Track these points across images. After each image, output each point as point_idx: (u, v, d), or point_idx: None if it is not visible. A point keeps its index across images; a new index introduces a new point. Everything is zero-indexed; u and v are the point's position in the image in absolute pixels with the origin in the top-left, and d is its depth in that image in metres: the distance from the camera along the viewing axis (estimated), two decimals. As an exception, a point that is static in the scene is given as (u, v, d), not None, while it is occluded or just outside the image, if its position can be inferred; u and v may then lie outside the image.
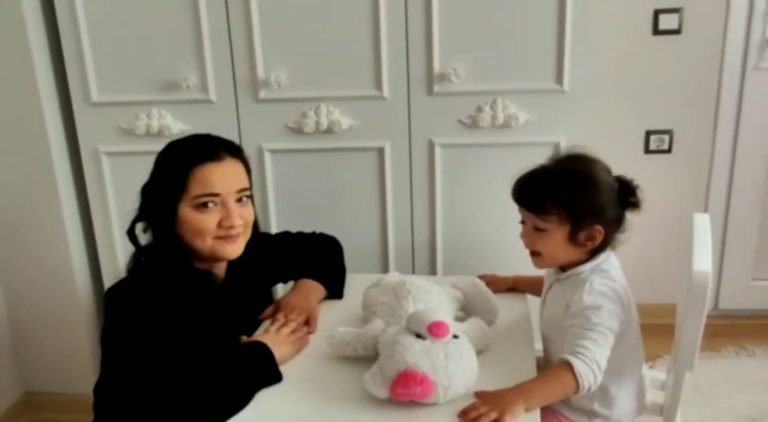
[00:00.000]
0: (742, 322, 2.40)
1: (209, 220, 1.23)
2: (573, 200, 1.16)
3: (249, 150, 1.77)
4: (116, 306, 1.19)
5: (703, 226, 1.29)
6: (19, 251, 1.93)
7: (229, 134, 1.75)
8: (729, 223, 2.40)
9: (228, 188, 1.24)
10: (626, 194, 1.20)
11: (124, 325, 1.16)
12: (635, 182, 1.21)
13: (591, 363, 1.09)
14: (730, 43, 2.18)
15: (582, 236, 1.18)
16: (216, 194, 1.23)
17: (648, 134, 2.27)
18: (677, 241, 1.95)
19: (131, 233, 1.29)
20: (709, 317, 1.17)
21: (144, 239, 1.31)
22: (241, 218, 1.26)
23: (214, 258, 1.28)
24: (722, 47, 2.18)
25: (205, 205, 1.22)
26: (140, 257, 1.28)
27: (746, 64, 2.21)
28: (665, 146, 2.28)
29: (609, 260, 1.23)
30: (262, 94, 1.74)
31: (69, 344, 1.98)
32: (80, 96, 1.79)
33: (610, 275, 1.20)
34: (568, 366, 1.08)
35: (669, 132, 2.27)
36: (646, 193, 1.21)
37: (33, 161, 1.84)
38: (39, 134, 1.81)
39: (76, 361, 1.98)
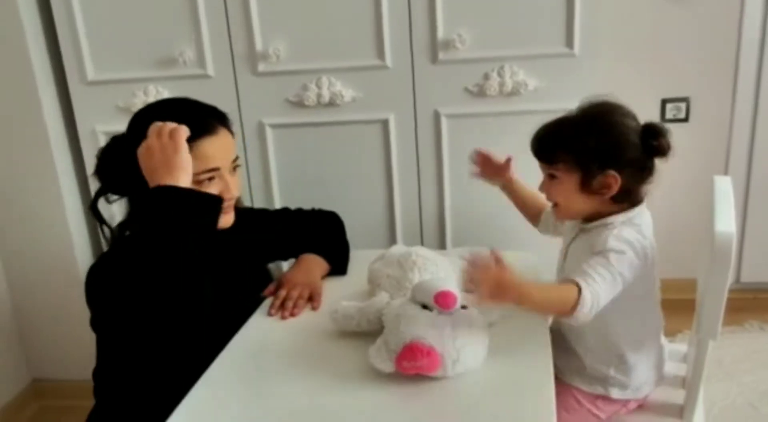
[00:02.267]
0: (765, 296, 2.33)
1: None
2: (580, 144, 1.11)
3: (249, 125, 1.75)
4: (101, 285, 1.14)
5: (724, 188, 1.23)
6: (19, 236, 1.91)
7: (229, 109, 1.68)
8: (750, 194, 2.32)
9: (225, 161, 1.20)
10: (650, 139, 1.11)
11: (112, 303, 1.12)
12: (663, 127, 1.12)
13: (594, 296, 1.03)
14: (750, 5, 2.09)
15: (595, 183, 1.12)
16: (216, 169, 1.18)
17: (664, 102, 2.19)
18: (696, 215, 1.89)
19: (94, 208, 1.22)
20: (731, 290, 1.12)
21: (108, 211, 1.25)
22: (237, 189, 1.22)
23: None
24: (741, 9, 2.10)
25: (204, 181, 1.17)
26: (123, 232, 1.23)
27: (766, 26, 2.12)
28: (682, 115, 2.20)
29: (642, 215, 1.16)
30: (261, 67, 1.68)
31: (74, 331, 1.95)
32: (76, 75, 1.75)
33: (640, 230, 1.13)
34: (577, 289, 1.02)
35: (686, 100, 2.19)
36: (661, 164, 1.14)
37: (30, 143, 1.80)
38: (35, 114, 1.77)
39: (82, 348, 1.93)
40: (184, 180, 1.08)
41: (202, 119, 1.20)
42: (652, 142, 1.11)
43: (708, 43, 2.12)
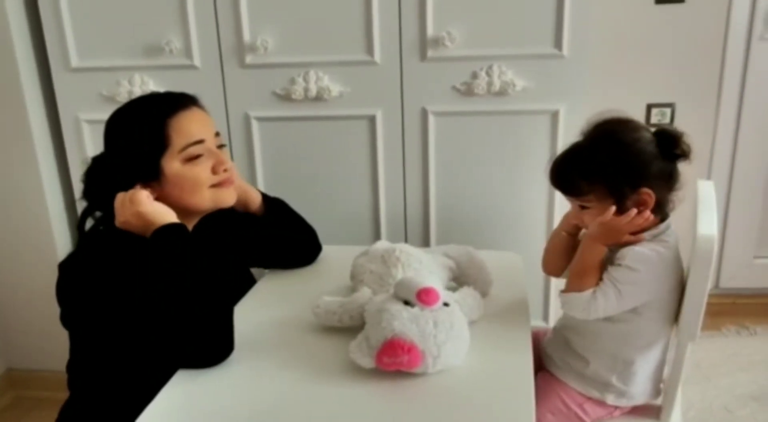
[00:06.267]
0: (743, 301, 2.36)
1: (203, 170, 1.18)
2: (605, 173, 1.10)
3: (235, 118, 1.73)
4: (75, 284, 1.11)
5: (707, 192, 1.23)
6: (-3, 223, 1.88)
7: (215, 101, 1.70)
8: (731, 201, 2.35)
9: (208, 134, 1.19)
10: (669, 146, 1.11)
11: (87, 301, 1.10)
12: (676, 131, 1.12)
13: (595, 307, 1.11)
14: (735, 13, 2.12)
15: (630, 204, 1.11)
16: (201, 141, 1.17)
17: (649, 107, 2.21)
18: (679, 218, 1.90)
19: (81, 228, 1.20)
20: (710, 295, 1.13)
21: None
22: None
23: (215, 207, 1.22)
24: (727, 17, 2.12)
25: (195, 157, 1.16)
26: (98, 227, 1.20)
27: (751, 34, 2.15)
28: (666, 120, 2.21)
29: (668, 230, 1.16)
30: (249, 59, 1.67)
31: (51, 320, 1.91)
32: (59, 61, 1.72)
33: (668, 245, 1.13)
34: (593, 290, 1.12)
35: (671, 105, 2.20)
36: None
37: (11, 130, 1.77)
38: (17, 101, 1.74)
39: (58, 338, 1.89)
40: (169, 220, 1.11)
41: (171, 98, 1.20)
42: (671, 149, 1.11)
43: (694, 51, 2.14)
